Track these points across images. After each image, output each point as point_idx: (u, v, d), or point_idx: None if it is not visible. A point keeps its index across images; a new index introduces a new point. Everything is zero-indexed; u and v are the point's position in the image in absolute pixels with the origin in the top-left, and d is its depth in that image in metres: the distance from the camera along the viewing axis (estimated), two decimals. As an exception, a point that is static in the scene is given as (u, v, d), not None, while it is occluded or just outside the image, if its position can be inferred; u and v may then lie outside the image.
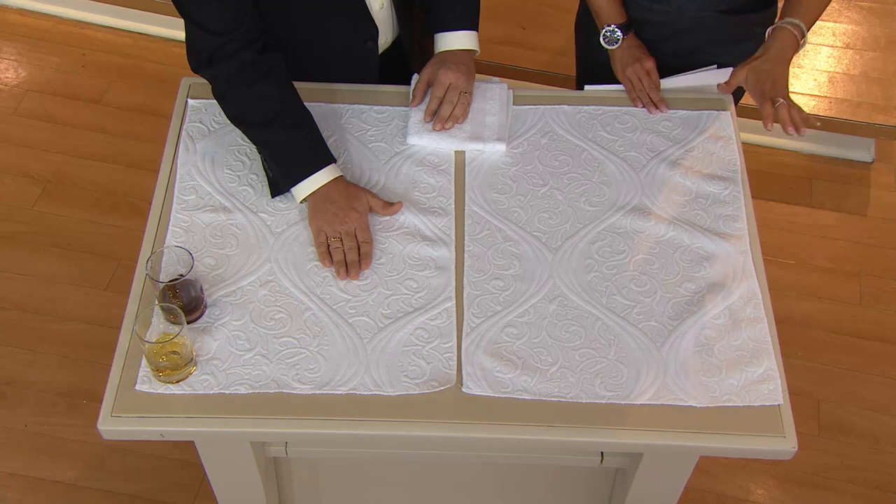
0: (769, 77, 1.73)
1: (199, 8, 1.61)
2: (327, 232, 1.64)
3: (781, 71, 1.74)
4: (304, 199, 1.68)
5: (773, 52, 1.75)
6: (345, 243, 1.64)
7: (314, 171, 1.66)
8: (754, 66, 1.76)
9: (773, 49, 1.75)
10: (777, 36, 1.76)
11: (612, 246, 1.68)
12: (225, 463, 1.71)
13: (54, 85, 3.09)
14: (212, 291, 1.60)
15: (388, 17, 1.84)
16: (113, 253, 2.69)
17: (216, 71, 1.65)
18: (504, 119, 1.84)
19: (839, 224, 2.88)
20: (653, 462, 1.68)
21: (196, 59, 1.66)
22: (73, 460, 2.34)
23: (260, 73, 1.66)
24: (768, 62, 1.74)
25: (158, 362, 1.47)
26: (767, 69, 1.74)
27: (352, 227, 1.64)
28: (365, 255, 1.64)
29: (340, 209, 1.65)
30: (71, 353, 2.50)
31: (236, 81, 1.65)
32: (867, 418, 2.48)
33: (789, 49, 1.75)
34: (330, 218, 1.65)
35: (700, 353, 1.56)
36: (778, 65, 1.74)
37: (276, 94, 1.68)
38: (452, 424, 1.48)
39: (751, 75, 1.76)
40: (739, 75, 1.78)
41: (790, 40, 1.74)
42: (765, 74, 1.73)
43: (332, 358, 1.53)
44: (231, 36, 1.62)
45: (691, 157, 1.81)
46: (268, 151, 1.69)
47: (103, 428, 1.47)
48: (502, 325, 1.58)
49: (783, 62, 1.74)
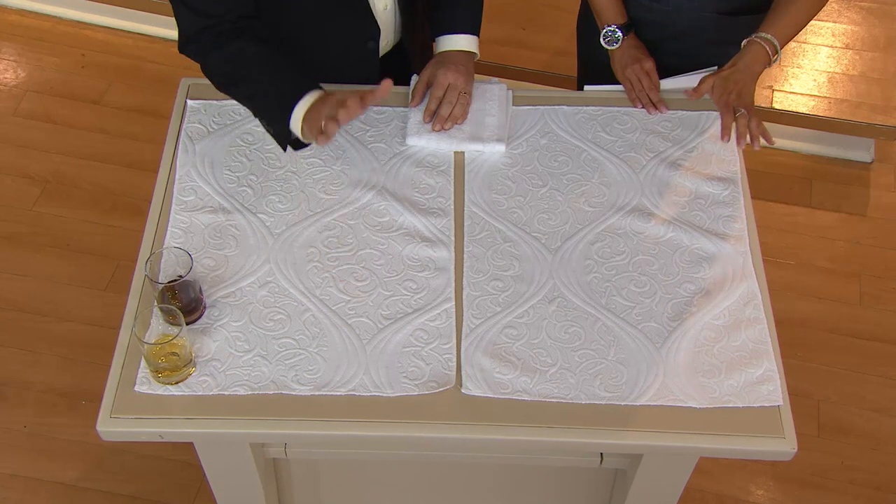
0: (735, 88, 1.76)
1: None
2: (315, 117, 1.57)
3: (747, 82, 1.77)
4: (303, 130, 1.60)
5: (742, 64, 1.78)
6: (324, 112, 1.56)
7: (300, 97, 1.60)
8: (722, 76, 1.79)
9: (743, 61, 1.78)
10: (748, 49, 1.79)
11: (611, 247, 1.68)
12: (224, 464, 1.71)
13: (54, 85, 3.09)
14: (211, 292, 1.60)
15: (391, 19, 1.83)
16: (112, 253, 2.69)
17: (197, 47, 1.67)
18: (503, 120, 1.84)
19: (839, 224, 2.88)
20: (652, 463, 1.68)
21: (182, 41, 1.68)
22: (73, 461, 2.34)
23: (232, 36, 1.66)
24: (736, 73, 1.78)
25: (158, 363, 1.47)
26: (734, 80, 1.77)
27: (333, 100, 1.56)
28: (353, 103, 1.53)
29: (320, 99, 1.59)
30: (70, 353, 2.50)
31: (211, 47, 1.66)
32: (867, 419, 2.48)
33: (758, 63, 1.78)
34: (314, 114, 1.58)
35: (700, 353, 1.56)
36: (745, 76, 1.77)
37: (249, 49, 1.66)
38: (452, 425, 1.48)
39: (717, 85, 1.79)
40: (706, 84, 1.80)
41: (760, 54, 1.77)
42: (731, 85, 1.77)
43: (332, 359, 1.53)
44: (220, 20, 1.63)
45: (691, 158, 1.81)
46: (254, 104, 1.68)
47: (102, 429, 1.47)
48: (502, 326, 1.58)
49: (751, 75, 1.78)
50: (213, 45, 1.66)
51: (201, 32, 1.66)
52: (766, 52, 1.77)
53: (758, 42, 1.77)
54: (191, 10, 1.64)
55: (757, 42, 1.77)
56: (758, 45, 1.77)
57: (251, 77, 1.65)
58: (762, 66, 1.78)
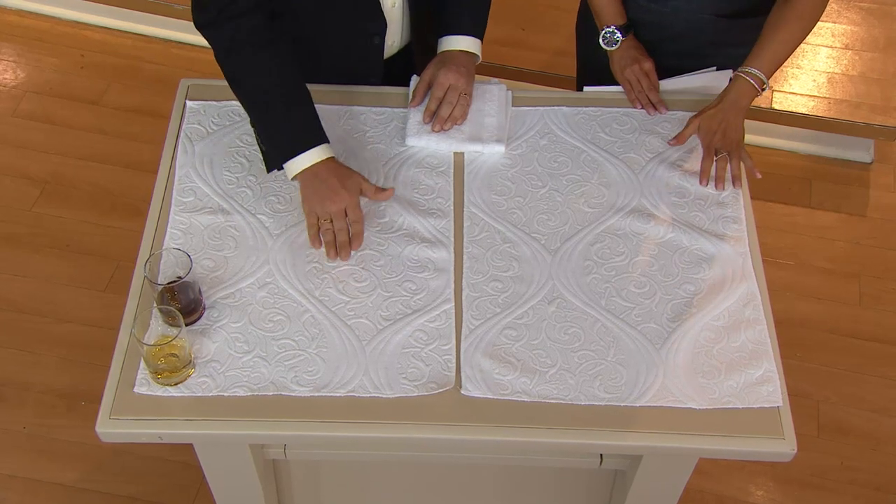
0: (720, 127, 1.76)
1: None
2: (318, 212, 1.64)
3: (732, 119, 1.76)
4: (295, 177, 1.66)
5: (728, 102, 1.77)
6: (335, 224, 1.63)
7: (307, 148, 1.64)
8: (707, 114, 1.78)
9: (728, 98, 1.77)
10: (734, 84, 1.78)
11: (611, 248, 1.68)
12: (224, 465, 1.71)
13: (53, 86, 3.08)
14: (210, 293, 1.60)
15: (398, 17, 1.82)
16: (112, 254, 2.68)
17: (223, 31, 1.62)
18: (503, 120, 1.83)
19: (838, 225, 2.88)
20: (652, 464, 1.68)
21: (203, 16, 1.64)
22: (73, 462, 2.34)
23: (266, 40, 1.63)
24: (721, 111, 1.77)
25: (157, 365, 1.47)
26: (719, 119, 1.76)
27: (342, 207, 1.63)
28: (356, 235, 1.64)
29: (330, 188, 1.63)
30: (70, 354, 2.50)
31: (244, 43, 1.62)
32: (867, 419, 2.48)
33: (745, 97, 1.77)
34: (320, 197, 1.63)
35: (699, 354, 1.56)
36: (730, 114, 1.76)
37: (279, 64, 1.65)
38: (451, 426, 1.48)
39: (702, 125, 1.78)
40: (692, 126, 1.79)
41: (747, 88, 1.76)
42: (716, 124, 1.76)
43: (331, 360, 1.53)
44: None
45: (690, 159, 1.81)
46: (263, 124, 1.68)
47: (102, 430, 1.47)
48: (501, 327, 1.58)
49: (737, 111, 1.77)
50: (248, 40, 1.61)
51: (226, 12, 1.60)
52: (752, 85, 1.75)
53: (743, 76, 1.76)
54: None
55: (742, 76, 1.76)
56: (743, 79, 1.76)
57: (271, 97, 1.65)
58: (749, 99, 1.77)
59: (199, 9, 1.64)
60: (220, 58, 1.66)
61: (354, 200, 1.65)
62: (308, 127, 1.66)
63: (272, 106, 1.65)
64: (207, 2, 1.62)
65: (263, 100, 1.66)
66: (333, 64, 1.84)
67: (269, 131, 1.67)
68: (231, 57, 1.64)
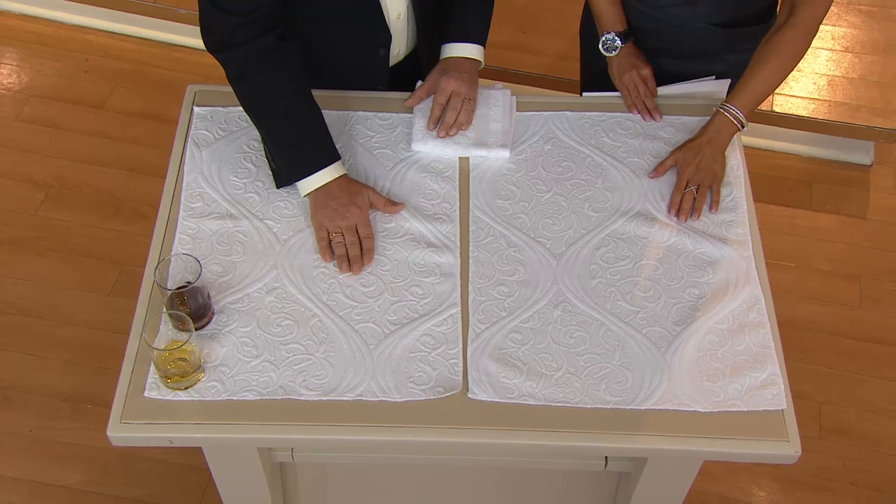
0: (695, 160, 1.76)
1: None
2: (328, 227, 1.66)
3: (708, 154, 1.76)
4: (307, 194, 1.69)
5: (706, 137, 1.78)
6: (346, 238, 1.65)
7: (321, 167, 1.67)
8: (685, 148, 1.79)
9: (707, 133, 1.78)
10: (713, 120, 1.79)
11: (615, 252, 1.69)
12: (232, 468, 1.72)
13: (57, 90, 3.09)
14: (219, 298, 1.61)
15: (403, 29, 1.84)
16: (116, 258, 2.69)
17: (235, 54, 1.64)
18: (507, 125, 1.85)
19: (839, 227, 2.89)
20: (657, 466, 1.69)
21: (212, 39, 1.65)
22: (78, 465, 2.35)
23: (279, 61, 1.65)
24: (698, 146, 1.78)
25: (167, 369, 1.48)
26: (695, 152, 1.77)
27: (353, 222, 1.65)
28: (367, 251, 1.66)
29: (342, 204, 1.66)
30: (75, 357, 2.51)
31: (255, 68, 1.64)
32: (868, 420, 2.50)
33: (724, 133, 1.78)
34: (331, 213, 1.66)
35: (704, 357, 1.57)
36: (707, 148, 1.77)
37: (293, 85, 1.68)
38: (458, 430, 1.49)
39: (679, 158, 1.79)
40: (671, 158, 1.80)
41: (724, 124, 1.77)
42: (692, 157, 1.77)
43: (339, 364, 1.54)
44: (249, 17, 1.61)
45: (694, 163, 1.82)
46: (276, 143, 1.70)
47: (113, 434, 1.48)
48: (507, 331, 1.59)
49: (715, 146, 1.77)
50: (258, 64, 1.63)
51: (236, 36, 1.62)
52: (732, 121, 1.76)
53: (722, 113, 1.77)
54: (217, 8, 1.60)
55: (721, 113, 1.77)
56: (722, 115, 1.77)
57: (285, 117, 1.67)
58: (729, 135, 1.78)
59: (208, 33, 1.66)
60: (233, 80, 1.68)
61: (365, 217, 1.67)
62: (321, 146, 1.69)
63: (285, 126, 1.68)
64: (217, 26, 1.64)
65: (276, 120, 1.68)
66: (339, 74, 1.85)
67: (282, 151, 1.70)
68: (243, 80, 1.67)
